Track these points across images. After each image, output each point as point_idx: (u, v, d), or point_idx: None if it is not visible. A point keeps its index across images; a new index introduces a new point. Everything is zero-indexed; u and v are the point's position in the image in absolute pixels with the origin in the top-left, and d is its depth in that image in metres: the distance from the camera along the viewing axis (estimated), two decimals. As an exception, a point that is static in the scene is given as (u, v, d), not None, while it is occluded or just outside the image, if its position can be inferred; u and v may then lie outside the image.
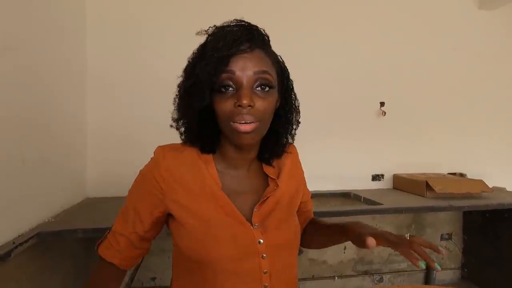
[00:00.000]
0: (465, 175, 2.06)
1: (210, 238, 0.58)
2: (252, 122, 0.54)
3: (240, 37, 0.53)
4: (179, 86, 0.61)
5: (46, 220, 1.20)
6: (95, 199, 1.60)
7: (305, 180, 0.78)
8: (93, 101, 1.64)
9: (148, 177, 0.61)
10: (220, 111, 0.55)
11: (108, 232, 0.66)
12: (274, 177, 0.66)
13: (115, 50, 1.66)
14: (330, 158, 1.94)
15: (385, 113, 1.96)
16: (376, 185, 2.02)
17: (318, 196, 1.85)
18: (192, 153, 0.62)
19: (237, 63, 0.53)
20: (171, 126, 0.63)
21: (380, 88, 1.99)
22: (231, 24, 0.56)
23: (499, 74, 2.15)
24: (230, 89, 0.55)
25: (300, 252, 1.49)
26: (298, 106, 0.65)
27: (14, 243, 0.95)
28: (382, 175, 2.03)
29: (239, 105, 0.53)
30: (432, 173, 2.00)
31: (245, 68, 0.53)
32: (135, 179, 0.65)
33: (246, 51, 0.54)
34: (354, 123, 1.97)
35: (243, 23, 0.56)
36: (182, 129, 0.62)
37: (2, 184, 0.96)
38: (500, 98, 2.16)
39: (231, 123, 0.54)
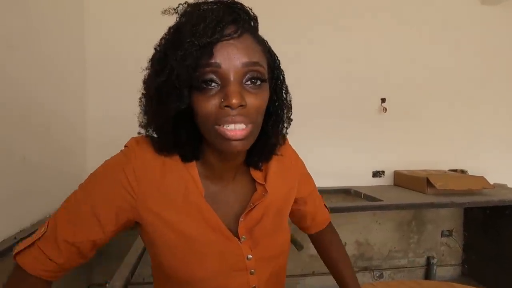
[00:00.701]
0: (466, 171, 2.05)
1: (193, 256, 0.50)
2: (244, 126, 0.44)
3: (223, 18, 0.42)
4: (145, 82, 0.49)
5: (47, 216, 1.21)
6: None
7: (305, 174, 0.70)
8: (93, 98, 1.64)
9: (116, 173, 0.49)
10: (202, 113, 0.44)
11: (38, 238, 0.50)
12: (262, 182, 0.57)
13: (114, 49, 1.66)
14: (331, 154, 1.93)
15: (386, 109, 1.96)
16: (377, 181, 2.02)
17: (319, 192, 1.84)
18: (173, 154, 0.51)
19: (222, 52, 0.42)
20: (139, 133, 0.52)
21: (381, 84, 1.98)
22: (209, 1, 0.44)
23: (501, 70, 2.14)
24: (214, 84, 0.43)
25: (301, 248, 1.49)
26: (290, 101, 0.53)
27: (15, 238, 0.97)
28: (383, 172, 2.03)
29: (226, 106, 0.42)
30: (433, 170, 2.00)
31: (232, 59, 0.42)
32: (95, 173, 0.51)
33: (233, 37, 0.42)
34: (355, 119, 1.96)
35: (225, 0, 0.44)
36: (155, 138, 0.50)
37: (3, 181, 0.96)
38: (502, 94, 2.15)
39: (217, 127, 0.44)
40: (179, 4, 0.46)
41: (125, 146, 0.54)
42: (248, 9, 0.46)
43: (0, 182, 0.95)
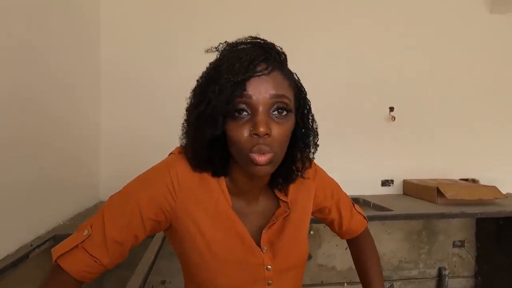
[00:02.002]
0: (478, 181, 2.02)
1: (218, 262, 0.55)
2: (269, 153, 0.49)
3: (256, 58, 0.49)
4: (187, 110, 0.56)
5: (61, 223, 1.24)
6: (107, 203, 1.64)
7: (326, 184, 0.73)
8: (107, 108, 1.69)
9: (162, 175, 0.55)
10: (234, 139, 0.50)
11: (82, 241, 0.52)
12: (286, 200, 0.62)
13: (129, 61, 1.71)
14: (339, 163, 1.93)
15: (394, 118, 1.95)
16: (386, 190, 2.00)
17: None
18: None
19: (253, 86, 0.49)
20: (180, 152, 0.58)
21: (390, 92, 1.98)
22: (245, 41, 0.52)
23: (511, 78, 2.12)
24: (245, 113, 0.50)
25: (309, 257, 1.49)
26: (316, 128, 0.59)
27: (31, 245, 0.99)
28: (392, 181, 2.01)
29: (255, 134, 0.48)
30: (443, 179, 1.97)
31: (261, 92, 0.49)
32: (142, 176, 0.57)
33: (264, 73, 0.49)
34: (363, 128, 1.96)
35: (258, 40, 0.52)
36: (191, 155, 0.56)
37: (21, 190, 1.00)
38: (513, 102, 2.12)
39: (249, 154, 0.49)
40: (219, 43, 0.54)
41: (171, 153, 0.60)
42: (278, 48, 0.53)
43: (18, 191, 0.99)
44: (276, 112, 0.50)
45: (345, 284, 1.93)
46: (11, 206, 0.95)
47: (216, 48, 0.54)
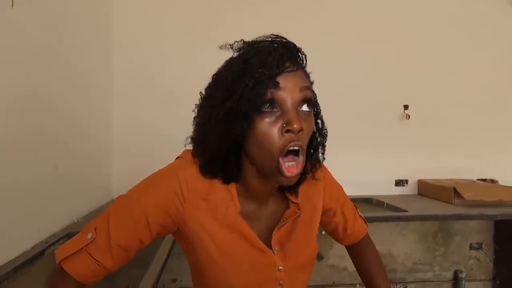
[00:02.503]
0: (497, 181, 1.95)
1: (230, 265, 0.55)
2: (299, 160, 0.50)
3: (284, 54, 0.49)
4: (203, 108, 0.55)
5: (75, 221, 1.26)
6: (120, 201, 1.66)
7: (332, 185, 0.72)
8: (119, 108, 1.71)
9: (170, 179, 0.54)
10: (265, 137, 0.48)
11: (86, 244, 0.52)
12: (296, 201, 0.61)
13: (141, 56, 1.72)
14: (352, 162, 1.89)
15: (409, 116, 1.90)
16: (400, 190, 1.95)
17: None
18: None
19: (284, 80, 0.48)
20: (189, 156, 0.56)
21: (404, 90, 1.93)
22: (268, 39, 0.53)
23: (533, 75, 2.03)
24: (275, 109, 0.49)
25: (321, 258, 1.47)
26: (326, 130, 0.60)
27: (47, 242, 1.01)
28: (406, 181, 1.96)
29: (288, 130, 0.47)
30: (460, 179, 1.91)
31: (292, 86, 0.49)
32: (148, 179, 0.56)
33: (292, 69, 0.49)
34: (376, 126, 1.92)
35: (280, 39, 0.53)
36: (202, 160, 0.55)
37: (37, 189, 1.02)
38: (535, 99, 2.04)
39: (280, 159, 0.48)
40: (234, 41, 0.54)
41: (179, 157, 0.59)
42: (299, 48, 0.54)
43: (34, 190, 1.00)
44: (303, 108, 0.50)
45: (357, 285, 1.90)
46: (26, 205, 0.97)
47: (231, 45, 0.54)
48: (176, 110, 1.70)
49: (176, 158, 0.60)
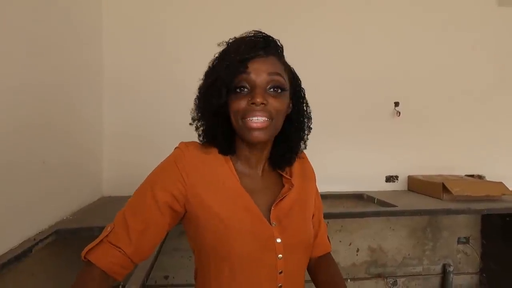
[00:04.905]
0: (484, 177, 1.99)
1: (231, 234, 0.59)
2: (265, 119, 0.58)
3: (257, 44, 0.59)
4: (199, 88, 0.64)
5: (65, 218, 1.24)
6: (110, 198, 1.64)
7: (318, 193, 0.76)
8: (109, 104, 1.68)
9: (171, 168, 0.61)
10: (234, 109, 0.59)
11: (106, 235, 0.59)
12: (288, 177, 0.67)
13: (131, 54, 1.70)
14: (343, 158, 1.91)
15: (399, 113, 1.93)
16: (390, 186, 1.98)
17: (331, 197, 1.83)
18: (213, 150, 0.64)
19: (253, 65, 0.58)
20: (190, 124, 0.65)
21: (395, 87, 1.95)
22: (250, 34, 0.62)
23: (520, 73, 2.08)
24: (245, 89, 0.59)
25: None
26: (310, 113, 0.68)
27: (34, 239, 0.99)
28: (396, 177, 1.99)
29: (252, 103, 0.57)
30: (449, 175, 1.95)
31: (260, 70, 0.59)
32: (154, 171, 0.63)
33: (262, 56, 0.59)
34: (368, 123, 1.94)
35: (260, 33, 0.62)
36: (200, 130, 0.65)
37: (24, 184, 1.00)
38: (521, 97, 2.08)
39: (244, 119, 0.58)
40: (229, 39, 0.63)
41: (176, 148, 0.65)
42: (277, 41, 0.63)
43: (21, 186, 0.98)
44: (272, 89, 0.60)
45: (349, 281, 1.92)
46: (14, 201, 0.95)
47: (227, 42, 0.63)
48: (166, 106, 1.69)
49: (175, 148, 0.65)
